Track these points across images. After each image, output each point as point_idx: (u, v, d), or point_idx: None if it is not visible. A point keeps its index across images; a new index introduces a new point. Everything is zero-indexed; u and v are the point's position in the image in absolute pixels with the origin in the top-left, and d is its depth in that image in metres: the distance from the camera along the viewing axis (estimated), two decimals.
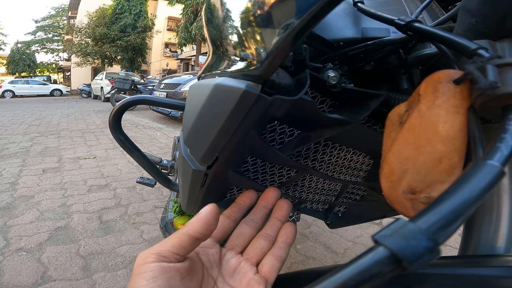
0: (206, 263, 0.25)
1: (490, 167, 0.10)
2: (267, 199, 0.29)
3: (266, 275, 0.24)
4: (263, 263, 0.25)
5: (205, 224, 0.22)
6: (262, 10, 0.18)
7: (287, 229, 0.28)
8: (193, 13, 10.88)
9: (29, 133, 3.97)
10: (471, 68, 0.14)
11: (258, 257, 0.26)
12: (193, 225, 0.22)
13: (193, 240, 0.21)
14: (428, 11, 0.30)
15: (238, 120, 0.20)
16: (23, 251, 1.20)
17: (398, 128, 0.17)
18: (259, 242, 0.27)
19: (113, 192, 1.87)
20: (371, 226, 1.47)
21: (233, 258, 0.26)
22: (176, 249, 0.21)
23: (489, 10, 0.18)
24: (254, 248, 0.26)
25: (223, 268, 0.25)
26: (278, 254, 0.26)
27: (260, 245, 0.26)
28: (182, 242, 0.21)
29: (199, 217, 0.22)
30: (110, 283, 1.03)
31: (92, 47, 15.39)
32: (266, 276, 0.24)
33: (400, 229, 0.09)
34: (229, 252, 0.27)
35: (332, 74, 0.26)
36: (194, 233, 0.21)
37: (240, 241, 0.27)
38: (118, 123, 0.45)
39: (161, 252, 0.20)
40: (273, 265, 0.25)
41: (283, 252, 0.26)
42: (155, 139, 3.62)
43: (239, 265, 0.25)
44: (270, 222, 0.28)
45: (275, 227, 0.28)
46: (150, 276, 0.19)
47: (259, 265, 0.25)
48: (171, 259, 0.21)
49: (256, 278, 0.24)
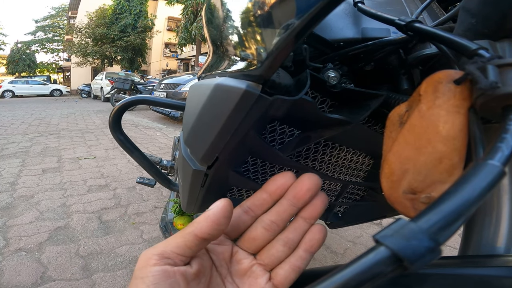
0: (215, 261, 0.22)
1: (491, 167, 0.10)
2: (299, 194, 0.22)
3: (278, 286, 0.22)
4: (278, 272, 0.22)
5: (214, 224, 0.19)
6: (262, 10, 0.18)
7: (314, 235, 0.22)
8: (193, 13, 10.88)
9: (29, 133, 3.97)
10: (471, 68, 0.14)
11: (273, 264, 0.22)
12: (200, 223, 0.19)
13: (199, 240, 0.19)
14: (428, 12, 0.30)
15: (238, 120, 0.20)
16: (23, 251, 1.20)
17: (398, 128, 0.17)
18: (276, 249, 0.22)
19: (113, 192, 1.87)
20: (371, 227, 1.47)
21: (246, 259, 0.23)
22: (180, 249, 0.19)
23: (489, 10, 0.18)
24: (270, 254, 0.22)
25: (233, 267, 0.23)
26: (296, 265, 0.22)
27: (277, 253, 0.22)
28: (187, 242, 0.19)
29: (208, 215, 0.19)
30: (110, 283, 1.03)
31: (92, 47, 15.41)
32: (278, 287, 0.22)
33: (401, 229, 0.09)
34: (241, 251, 0.23)
35: (332, 74, 0.26)
36: (201, 234, 0.19)
37: (253, 245, 0.23)
38: (118, 123, 0.45)
39: (164, 252, 0.19)
40: (288, 277, 0.22)
41: (303, 262, 0.22)
42: (155, 139, 3.62)
43: (250, 268, 0.22)
44: (294, 223, 0.23)
45: (299, 231, 0.22)
46: (151, 282, 0.17)
47: (273, 272, 0.22)
48: (175, 261, 0.19)
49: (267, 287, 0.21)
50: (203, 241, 0.19)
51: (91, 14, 15.68)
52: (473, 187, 0.10)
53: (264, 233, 0.22)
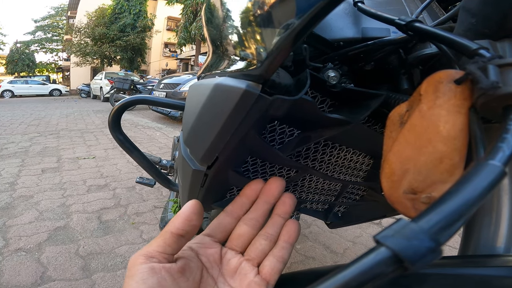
0: (206, 263, 0.24)
1: (492, 167, 0.10)
2: (269, 193, 0.26)
3: (267, 277, 0.24)
4: (264, 264, 0.25)
5: (185, 221, 0.22)
6: (262, 9, 0.18)
7: (290, 227, 0.26)
8: (192, 13, 10.87)
9: (28, 133, 3.97)
10: (472, 68, 0.14)
11: (259, 258, 0.25)
12: (173, 222, 0.22)
13: (176, 237, 0.22)
14: (428, 11, 0.30)
15: (238, 120, 0.20)
16: (23, 251, 1.20)
17: (399, 128, 0.17)
18: (260, 243, 0.26)
19: (113, 192, 1.87)
20: (371, 226, 1.47)
21: (234, 258, 0.25)
22: (161, 248, 0.21)
23: (490, 10, 0.18)
24: (254, 248, 0.26)
25: (224, 268, 0.25)
26: (279, 255, 0.25)
27: (261, 246, 0.25)
28: (166, 240, 0.22)
29: (179, 214, 0.23)
30: (110, 283, 1.03)
31: (91, 47, 15.39)
32: (267, 278, 0.24)
33: (402, 229, 0.09)
34: (230, 251, 0.26)
35: (332, 74, 0.26)
36: (176, 230, 0.22)
37: (240, 242, 0.26)
38: (117, 123, 0.45)
39: (149, 252, 0.21)
40: (274, 267, 0.24)
41: (285, 252, 0.25)
42: (155, 139, 3.62)
43: (240, 265, 0.25)
44: (271, 220, 0.27)
45: (276, 225, 0.26)
46: (140, 278, 0.19)
47: (260, 266, 0.25)
48: (160, 259, 0.21)
49: (256, 280, 0.23)
50: (179, 238, 0.22)
51: (91, 14, 15.66)
52: (474, 187, 0.09)
53: (248, 230, 0.26)
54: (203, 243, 0.26)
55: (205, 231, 0.27)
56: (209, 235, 0.26)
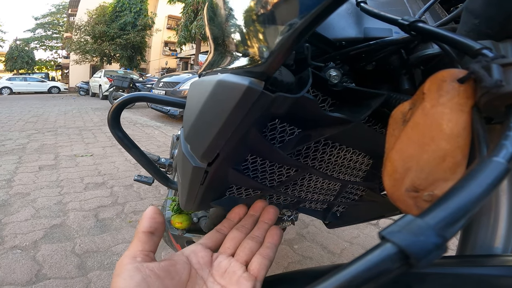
0: (195, 265, 0.26)
1: (496, 163, 0.10)
2: (256, 208, 0.32)
3: (255, 272, 0.26)
4: (252, 261, 0.27)
5: (150, 219, 0.25)
6: (265, 8, 0.18)
7: (274, 232, 0.30)
8: (193, 12, 10.87)
9: (26, 130, 3.94)
10: (476, 67, 0.14)
11: (247, 256, 0.27)
12: (141, 224, 0.25)
13: (147, 235, 0.25)
14: (431, 12, 0.30)
15: (240, 117, 0.20)
16: (18, 249, 1.19)
17: (401, 126, 0.17)
18: (247, 243, 0.29)
19: (110, 190, 1.86)
20: (368, 227, 1.47)
21: (225, 260, 0.27)
22: (140, 246, 0.24)
23: (493, 11, 0.18)
24: (243, 248, 0.28)
25: (214, 269, 0.27)
26: (266, 253, 0.28)
27: (248, 245, 0.28)
28: (140, 239, 0.24)
29: (143, 216, 0.26)
30: (106, 282, 1.03)
31: (91, 44, 15.32)
32: (255, 273, 0.26)
33: (408, 225, 0.09)
34: (221, 255, 0.28)
35: (334, 73, 0.26)
36: (146, 229, 0.25)
37: (231, 244, 0.29)
38: (117, 120, 0.44)
39: (131, 253, 0.23)
40: (261, 263, 0.27)
41: (271, 251, 0.28)
42: (153, 138, 3.61)
43: (229, 265, 0.27)
44: (258, 225, 0.31)
45: (262, 229, 0.30)
46: (127, 275, 0.21)
47: (249, 264, 0.27)
48: (142, 257, 0.23)
49: (245, 275, 0.25)
50: (151, 236, 0.25)
51: (91, 12, 15.60)
52: (479, 183, 0.09)
53: (238, 234, 0.30)
54: (194, 249, 0.28)
55: (198, 242, 0.30)
56: (201, 243, 0.29)
